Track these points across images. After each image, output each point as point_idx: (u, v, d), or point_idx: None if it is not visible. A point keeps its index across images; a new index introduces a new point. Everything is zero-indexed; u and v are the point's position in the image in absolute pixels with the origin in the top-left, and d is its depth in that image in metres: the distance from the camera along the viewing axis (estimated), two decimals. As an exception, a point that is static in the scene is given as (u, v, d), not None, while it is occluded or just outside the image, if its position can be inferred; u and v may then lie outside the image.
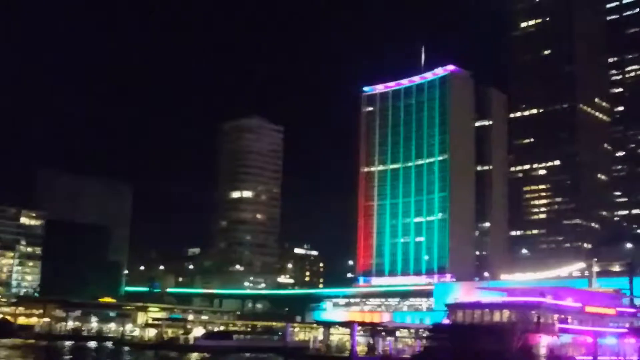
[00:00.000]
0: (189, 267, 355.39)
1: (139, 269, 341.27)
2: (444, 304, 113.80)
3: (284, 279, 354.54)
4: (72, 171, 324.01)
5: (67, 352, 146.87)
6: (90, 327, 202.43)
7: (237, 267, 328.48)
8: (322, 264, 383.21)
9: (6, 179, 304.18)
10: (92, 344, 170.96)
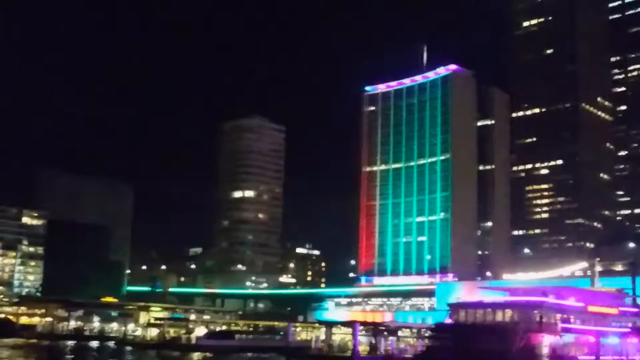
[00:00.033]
0: (191, 266, 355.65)
1: (140, 268, 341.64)
2: (446, 304, 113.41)
3: (286, 279, 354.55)
4: (72, 171, 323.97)
5: (69, 351, 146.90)
6: (92, 327, 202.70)
7: (239, 267, 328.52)
8: (324, 264, 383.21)
9: (6, 179, 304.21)
10: (94, 344, 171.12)
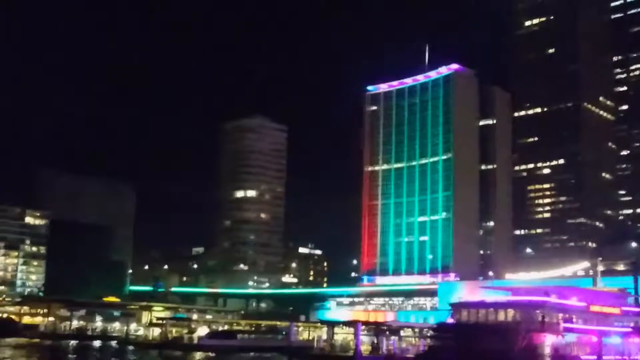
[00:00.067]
0: (193, 266, 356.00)
1: (143, 268, 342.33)
2: (448, 303, 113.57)
3: (288, 279, 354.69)
4: (73, 171, 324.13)
5: (72, 351, 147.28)
6: (94, 327, 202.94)
7: (241, 267, 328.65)
8: (326, 263, 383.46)
9: (6, 179, 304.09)
10: (96, 344, 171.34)
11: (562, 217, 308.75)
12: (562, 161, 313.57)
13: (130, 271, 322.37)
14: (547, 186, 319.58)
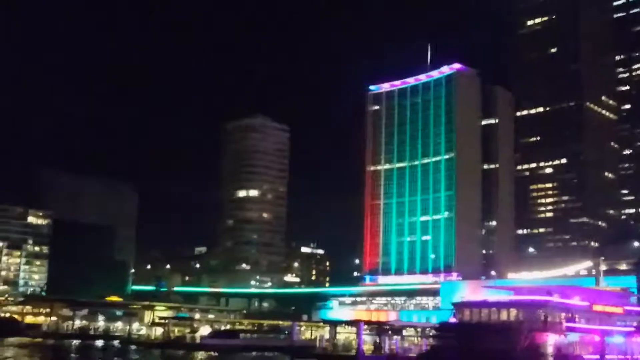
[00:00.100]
0: (196, 266, 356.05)
1: (145, 268, 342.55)
2: (450, 303, 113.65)
3: (291, 278, 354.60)
4: (74, 171, 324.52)
5: (74, 350, 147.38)
6: (97, 326, 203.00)
7: (243, 266, 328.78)
8: (328, 263, 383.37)
9: (8, 179, 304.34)
10: (99, 343, 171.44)
11: (564, 217, 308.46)
12: (564, 161, 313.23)
13: (132, 271, 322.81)
14: (549, 185, 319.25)
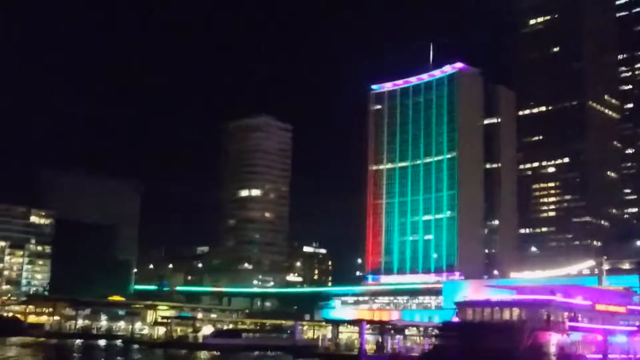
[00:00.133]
0: (198, 265, 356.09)
1: (147, 267, 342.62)
2: (453, 302, 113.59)
3: (293, 277, 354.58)
4: (74, 171, 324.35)
5: (77, 350, 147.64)
6: (99, 326, 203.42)
7: (245, 266, 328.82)
8: (330, 262, 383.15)
9: (9, 179, 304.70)
10: (101, 342, 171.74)
11: (567, 216, 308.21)
12: (567, 160, 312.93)
13: (135, 270, 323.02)
14: (552, 185, 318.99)
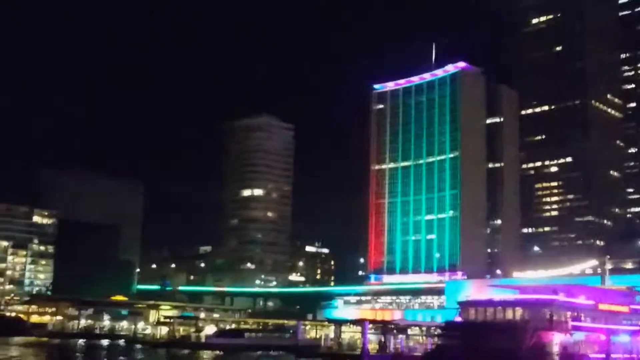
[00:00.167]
0: (200, 265, 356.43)
1: (150, 267, 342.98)
2: (455, 302, 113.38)
3: (295, 277, 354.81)
4: (75, 171, 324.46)
5: (80, 350, 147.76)
6: (102, 325, 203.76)
7: (248, 265, 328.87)
8: (333, 262, 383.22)
9: (11, 179, 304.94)
10: (104, 342, 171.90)
11: (569, 215, 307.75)
12: (569, 159, 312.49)
13: (137, 270, 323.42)
14: (554, 184, 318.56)
